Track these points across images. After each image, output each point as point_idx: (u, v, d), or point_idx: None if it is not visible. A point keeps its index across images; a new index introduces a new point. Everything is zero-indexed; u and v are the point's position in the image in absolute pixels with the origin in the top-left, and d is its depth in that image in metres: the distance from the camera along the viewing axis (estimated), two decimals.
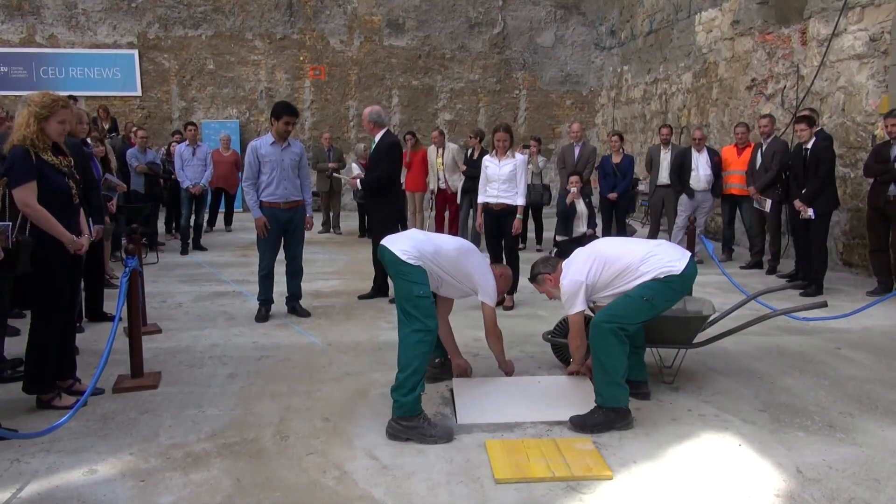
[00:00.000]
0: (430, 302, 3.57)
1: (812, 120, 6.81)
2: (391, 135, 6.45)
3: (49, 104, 3.61)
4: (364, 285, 7.01)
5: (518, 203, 6.06)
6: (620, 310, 3.58)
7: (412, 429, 3.38)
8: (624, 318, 3.55)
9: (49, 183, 3.58)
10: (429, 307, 3.55)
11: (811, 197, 6.64)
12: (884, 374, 4.43)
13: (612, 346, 3.50)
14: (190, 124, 9.78)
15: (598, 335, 3.54)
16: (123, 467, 3.10)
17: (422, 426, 3.39)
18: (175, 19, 14.27)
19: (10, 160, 3.50)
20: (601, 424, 3.49)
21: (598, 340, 3.53)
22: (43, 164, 3.57)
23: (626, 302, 3.60)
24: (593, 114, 15.76)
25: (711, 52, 10.74)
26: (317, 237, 10.68)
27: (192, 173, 9.39)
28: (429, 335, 3.51)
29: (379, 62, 14.90)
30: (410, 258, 3.67)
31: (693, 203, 8.47)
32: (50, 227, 3.56)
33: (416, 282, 3.60)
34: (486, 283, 4.00)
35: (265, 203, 5.63)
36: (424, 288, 3.59)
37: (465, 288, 4.03)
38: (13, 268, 3.43)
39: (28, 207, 3.49)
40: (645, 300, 3.56)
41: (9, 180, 3.47)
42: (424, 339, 3.49)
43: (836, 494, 2.88)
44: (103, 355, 3.64)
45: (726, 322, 4.63)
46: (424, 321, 3.50)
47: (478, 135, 9.17)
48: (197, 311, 6.06)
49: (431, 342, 3.55)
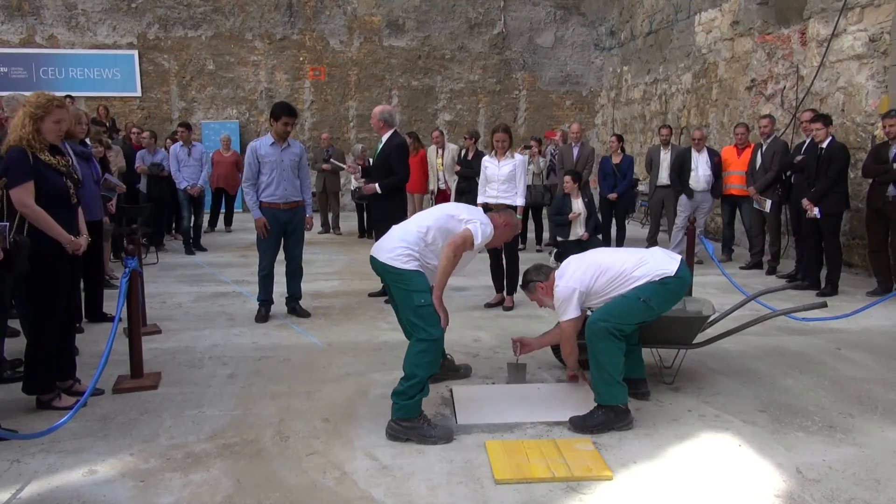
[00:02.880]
0: (431, 310, 3.47)
1: (829, 119, 6.84)
2: (399, 136, 6.47)
3: (44, 104, 3.60)
4: (364, 285, 7.02)
5: (517, 203, 6.06)
6: (616, 310, 3.60)
7: (412, 429, 3.38)
8: (619, 319, 3.57)
9: (47, 183, 3.58)
10: (431, 315, 3.46)
11: (818, 196, 6.65)
12: (884, 374, 4.43)
13: (607, 346, 3.52)
14: (182, 125, 9.71)
15: (593, 335, 3.55)
16: (123, 468, 3.10)
17: (421, 427, 3.38)
18: (175, 20, 14.27)
19: (7, 160, 3.50)
20: (601, 424, 3.49)
21: (594, 340, 3.55)
22: (40, 164, 3.56)
23: (621, 302, 3.62)
24: (593, 114, 15.76)
25: (711, 53, 10.74)
26: (317, 237, 10.68)
27: (189, 174, 9.39)
28: (434, 345, 3.44)
29: (379, 63, 14.90)
30: (402, 262, 3.50)
31: (693, 203, 8.47)
32: (48, 228, 3.55)
33: (414, 290, 3.46)
34: (479, 235, 3.64)
35: (265, 203, 5.63)
36: (424, 295, 3.47)
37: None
38: (11, 268, 3.42)
39: (26, 207, 3.48)
40: (641, 301, 3.57)
41: (6, 180, 3.47)
42: (429, 349, 3.43)
43: (836, 495, 2.88)
44: (103, 356, 3.64)
45: (726, 322, 4.63)
46: (429, 330, 3.42)
47: (473, 135, 9.18)
48: (197, 312, 6.06)
49: (437, 351, 3.50)
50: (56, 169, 3.65)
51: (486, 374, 4.40)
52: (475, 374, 4.38)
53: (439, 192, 9.85)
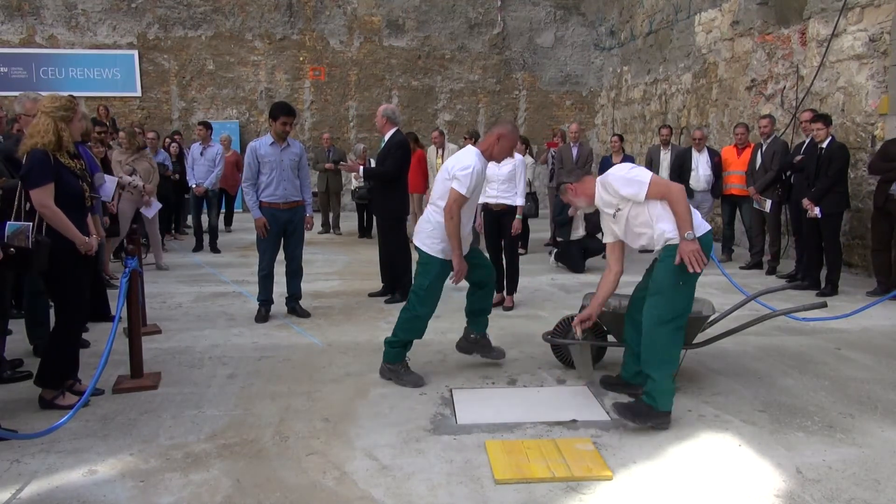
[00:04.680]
0: (429, 293, 4.17)
1: (829, 119, 6.84)
2: (400, 134, 6.49)
3: (69, 105, 3.70)
4: (364, 285, 7.02)
5: (517, 203, 6.06)
6: (665, 306, 3.55)
7: (393, 371, 4.21)
8: (675, 311, 3.56)
9: (65, 185, 3.66)
10: (426, 297, 4.17)
11: (819, 196, 6.65)
12: (884, 374, 4.43)
13: (675, 345, 3.58)
14: (202, 124, 9.78)
15: (660, 338, 3.53)
16: (123, 468, 3.10)
17: (399, 371, 4.20)
18: (175, 20, 14.27)
19: (29, 162, 3.58)
20: (644, 416, 3.50)
21: (662, 342, 3.53)
22: (60, 166, 3.65)
23: (665, 297, 3.56)
24: (593, 114, 15.76)
25: (711, 53, 10.74)
26: (317, 237, 10.68)
27: (199, 173, 9.42)
28: (417, 320, 4.20)
29: (379, 63, 14.90)
30: (426, 243, 4.18)
31: (693, 203, 8.39)
32: (64, 229, 3.63)
33: (423, 272, 4.19)
34: (463, 187, 4.02)
35: (265, 203, 5.63)
36: (429, 279, 4.15)
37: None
38: (31, 267, 3.51)
39: (45, 209, 3.56)
40: (681, 285, 3.56)
41: (28, 182, 3.56)
42: (413, 321, 4.20)
43: (836, 494, 2.88)
44: (103, 356, 3.64)
45: (726, 322, 4.62)
46: (418, 308, 4.19)
47: (472, 135, 9.17)
48: (197, 312, 6.06)
49: (420, 324, 4.22)
50: (73, 172, 3.73)
51: (486, 374, 4.40)
52: (475, 374, 4.38)
53: None
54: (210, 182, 9.46)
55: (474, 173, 4.01)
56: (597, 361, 4.43)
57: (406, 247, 6.53)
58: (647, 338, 3.59)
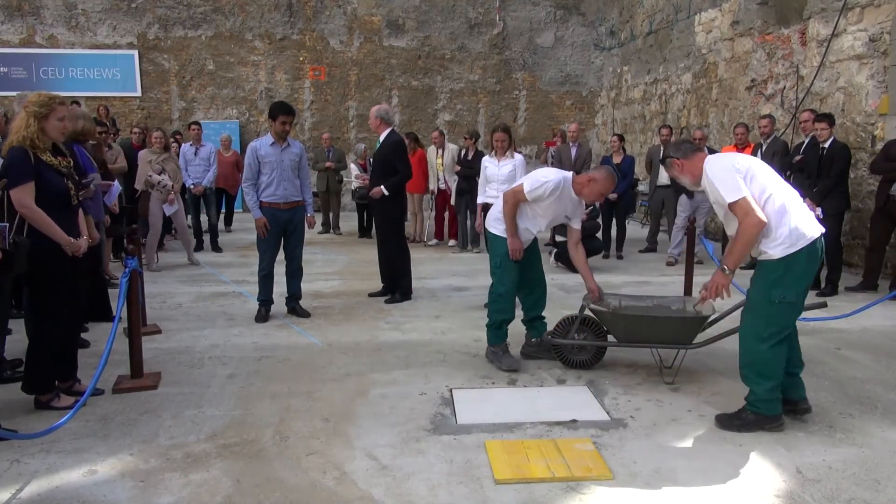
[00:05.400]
0: (501, 270, 4.46)
1: (833, 119, 6.85)
2: (396, 134, 6.48)
3: (46, 102, 3.60)
4: (364, 285, 7.01)
5: None
6: (761, 323, 3.44)
7: (494, 353, 4.48)
8: (771, 327, 3.41)
9: (47, 184, 3.57)
10: (502, 275, 4.47)
11: (821, 196, 6.64)
12: (884, 374, 4.43)
13: (776, 359, 3.43)
14: (193, 124, 9.80)
15: (761, 355, 3.42)
16: (123, 468, 3.10)
17: (498, 353, 4.46)
18: (175, 20, 14.27)
19: (8, 160, 3.50)
20: (751, 424, 3.47)
21: (763, 358, 3.42)
22: (42, 164, 3.56)
23: (757, 314, 3.45)
24: (593, 114, 15.76)
25: (711, 53, 10.74)
26: (317, 237, 10.68)
27: (195, 173, 9.41)
28: (500, 298, 4.48)
29: (379, 62, 14.90)
30: (494, 226, 4.52)
31: (693, 203, 8.47)
32: (47, 229, 3.54)
33: (492, 252, 4.55)
34: (527, 186, 4.37)
35: (265, 203, 5.63)
36: (498, 258, 4.47)
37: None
38: (10, 269, 3.41)
39: (25, 208, 3.48)
40: (776, 303, 3.37)
41: (7, 181, 3.47)
42: (497, 300, 4.50)
43: (836, 494, 2.88)
44: (103, 356, 3.64)
45: (726, 322, 4.62)
46: (497, 286, 4.51)
47: (472, 135, 9.17)
48: (197, 312, 6.06)
49: (505, 302, 4.48)
50: (57, 170, 3.64)
51: (486, 374, 4.40)
52: (475, 374, 4.38)
53: (439, 192, 9.85)
54: (207, 180, 9.48)
55: (547, 186, 4.27)
56: (597, 361, 4.44)
57: (405, 247, 6.53)
58: (748, 354, 3.49)
